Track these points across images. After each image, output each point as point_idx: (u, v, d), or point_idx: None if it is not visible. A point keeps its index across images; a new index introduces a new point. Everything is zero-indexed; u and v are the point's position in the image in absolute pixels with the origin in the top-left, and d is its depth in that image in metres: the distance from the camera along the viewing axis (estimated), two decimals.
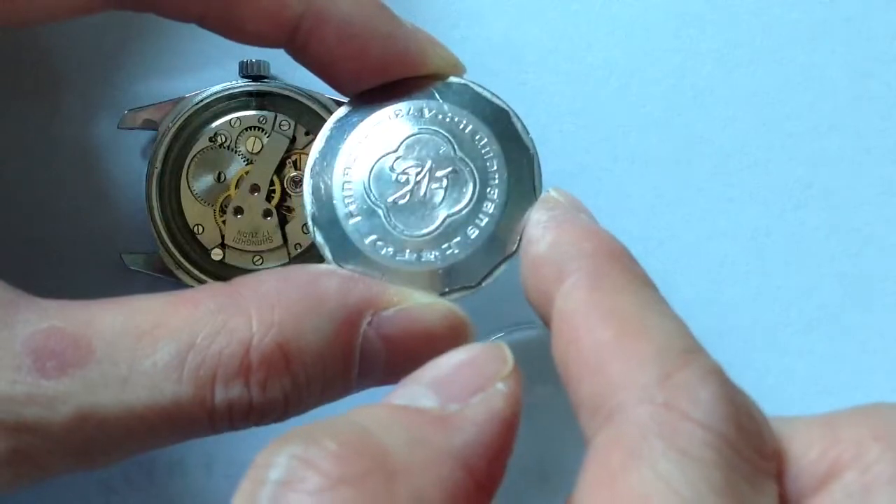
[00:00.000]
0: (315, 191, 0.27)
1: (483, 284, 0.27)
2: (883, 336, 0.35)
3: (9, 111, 0.34)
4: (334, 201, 0.27)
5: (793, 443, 0.21)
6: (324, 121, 0.32)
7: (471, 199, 0.27)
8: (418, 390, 0.22)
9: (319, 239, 0.27)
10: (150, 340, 0.25)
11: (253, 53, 0.32)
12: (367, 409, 0.22)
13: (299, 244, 0.33)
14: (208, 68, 0.34)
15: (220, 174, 0.33)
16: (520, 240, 0.26)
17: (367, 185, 0.27)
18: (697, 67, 0.36)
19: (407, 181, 0.27)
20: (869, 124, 0.36)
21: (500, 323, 0.34)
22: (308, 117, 0.33)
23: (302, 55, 0.27)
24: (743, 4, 0.36)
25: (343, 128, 0.28)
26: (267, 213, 0.33)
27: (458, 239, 0.27)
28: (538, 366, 0.34)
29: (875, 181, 0.36)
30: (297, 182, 0.33)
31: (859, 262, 0.36)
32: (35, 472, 0.25)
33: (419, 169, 0.27)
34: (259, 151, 0.33)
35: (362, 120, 0.28)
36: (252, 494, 0.19)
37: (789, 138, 0.36)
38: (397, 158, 0.27)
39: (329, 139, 0.28)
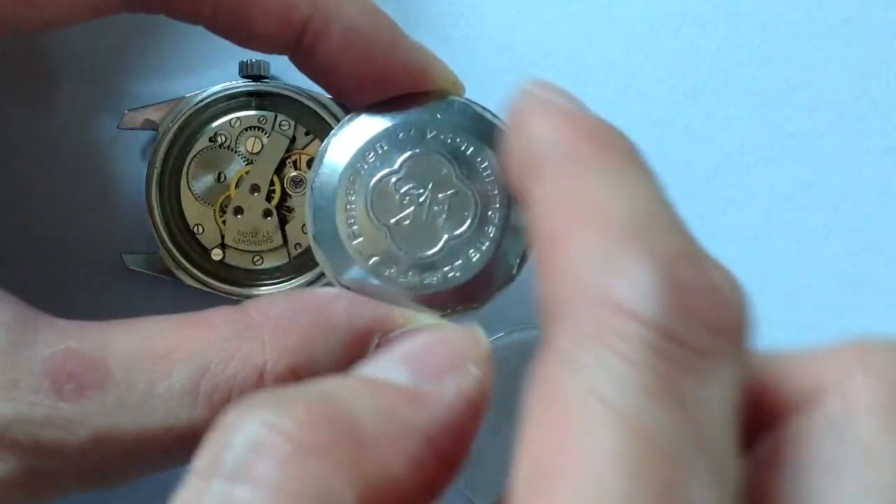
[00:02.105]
0: (317, 210, 0.27)
1: (483, 307, 0.27)
2: (883, 336, 0.35)
3: (9, 111, 0.34)
4: (337, 220, 0.27)
5: (775, 367, 0.19)
6: (324, 121, 0.32)
7: (472, 223, 0.27)
8: (390, 365, 0.22)
9: (322, 257, 0.27)
10: (166, 364, 0.25)
11: (253, 54, 0.32)
12: (337, 379, 0.21)
13: (299, 244, 0.33)
14: (208, 68, 0.34)
15: (220, 174, 0.33)
16: (520, 262, 0.27)
17: (369, 205, 0.27)
18: (697, 67, 0.36)
19: (409, 202, 0.27)
20: (869, 124, 0.36)
21: (499, 323, 0.34)
22: (308, 117, 0.33)
23: (306, 61, 0.27)
24: (743, 4, 0.36)
25: (344, 146, 0.28)
26: (267, 213, 0.33)
27: (459, 261, 0.27)
28: None
29: (875, 181, 0.36)
30: (298, 182, 0.33)
31: (859, 262, 0.36)
32: (51, 492, 0.25)
33: (421, 190, 0.27)
34: (259, 151, 0.33)
35: (364, 138, 0.27)
36: (217, 456, 0.19)
37: (789, 138, 0.36)
38: (399, 179, 0.27)
39: (330, 157, 0.28)
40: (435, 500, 0.21)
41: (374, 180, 0.27)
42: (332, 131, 0.28)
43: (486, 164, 0.27)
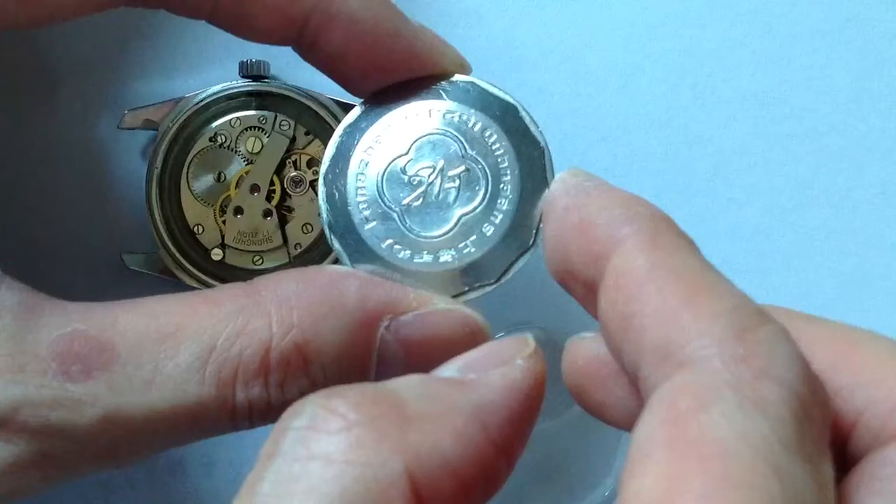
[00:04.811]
0: (329, 198, 0.27)
1: (502, 281, 0.27)
2: None
3: (9, 111, 0.34)
4: (349, 207, 0.27)
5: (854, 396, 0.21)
6: (324, 121, 0.32)
7: (484, 197, 0.27)
8: (442, 368, 0.23)
9: (337, 246, 0.27)
10: (173, 342, 0.25)
11: (253, 53, 0.32)
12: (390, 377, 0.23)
13: (299, 244, 0.33)
14: (208, 68, 0.34)
15: (220, 174, 0.33)
16: (535, 234, 0.27)
17: (380, 189, 0.27)
18: (697, 67, 0.36)
19: (420, 183, 0.27)
20: (869, 124, 0.36)
21: (500, 323, 0.34)
22: (308, 117, 0.33)
23: (310, 53, 0.27)
24: (743, 4, 0.36)
25: (353, 133, 0.28)
26: (267, 213, 0.33)
27: (474, 237, 0.27)
28: None
29: (875, 181, 0.36)
30: (298, 182, 0.33)
31: (859, 262, 0.36)
32: (62, 473, 0.25)
33: (431, 170, 0.27)
34: (259, 151, 0.33)
35: (371, 124, 0.28)
36: (278, 439, 0.20)
37: (789, 138, 0.36)
38: (409, 161, 0.27)
39: (340, 145, 0.28)
40: (494, 489, 0.22)
41: (384, 164, 0.27)
42: (343, 120, 0.28)
43: (495, 137, 0.27)
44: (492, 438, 0.21)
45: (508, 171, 0.27)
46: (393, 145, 0.27)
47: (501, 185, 0.27)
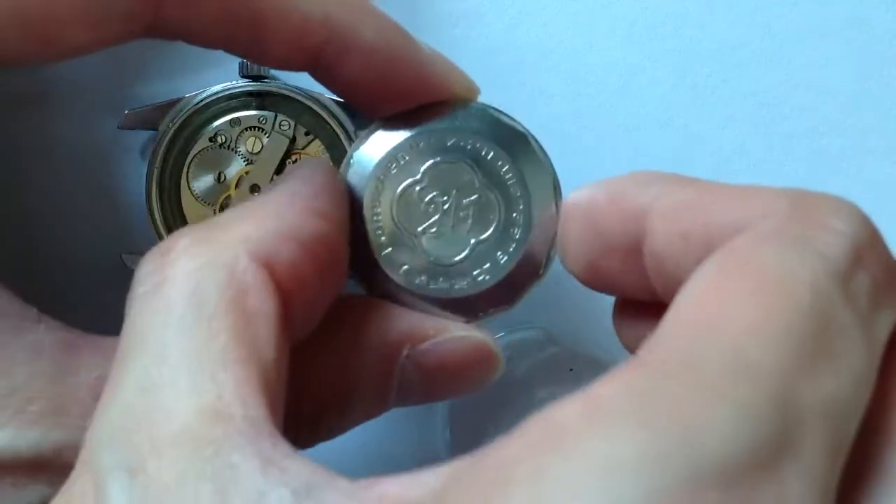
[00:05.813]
0: None
1: (513, 307, 0.27)
2: None
3: (9, 111, 0.34)
4: (368, 234, 0.27)
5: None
6: (324, 121, 0.32)
7: (498, 225, 0.27)
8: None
9: (354, 271, 0.27)
10: None
11: None
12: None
13: None
14: (208, 68, 0.35)
15: (220, 174, 0.33)
16: (546, 262, 0.27)
17: (394, 216, 0.27)
18: (697, 67, 0.36)
19: (434, 210, 0.27)
20: (869, 124, 0.36)
21: (500, 323, 0.34)
22: (308, 117, 0.33)
23: (325, 80, 0.28)
24: (743, 4, 0.36)
25: (366, 158, 0.28)
26: None
27: (487, 265, 0.27)
28: (538, 365, 0.34)
29: (875, 181, 0.36)
30: None
31: None
32: None
33: (445, 198, 0.27)
34: (259, 151, 0.33)
35: (385, 149, 0.28)
36: (133, 296, 0.22)
37: (789, 138, 0.36)
38: (422, 188, 0.27)
39: (354, 170, 0.28)
40: (339, 265, 0.25)
41: (398, 191, 0.28)
42: (354, 144, 0.28)
43: (507, 167, 0.27)
44: (310, 207, 0.24)
45: (521, 201, 0.27)
46: (407, 171, 0.28)
47: (514, 214, 0.27)
